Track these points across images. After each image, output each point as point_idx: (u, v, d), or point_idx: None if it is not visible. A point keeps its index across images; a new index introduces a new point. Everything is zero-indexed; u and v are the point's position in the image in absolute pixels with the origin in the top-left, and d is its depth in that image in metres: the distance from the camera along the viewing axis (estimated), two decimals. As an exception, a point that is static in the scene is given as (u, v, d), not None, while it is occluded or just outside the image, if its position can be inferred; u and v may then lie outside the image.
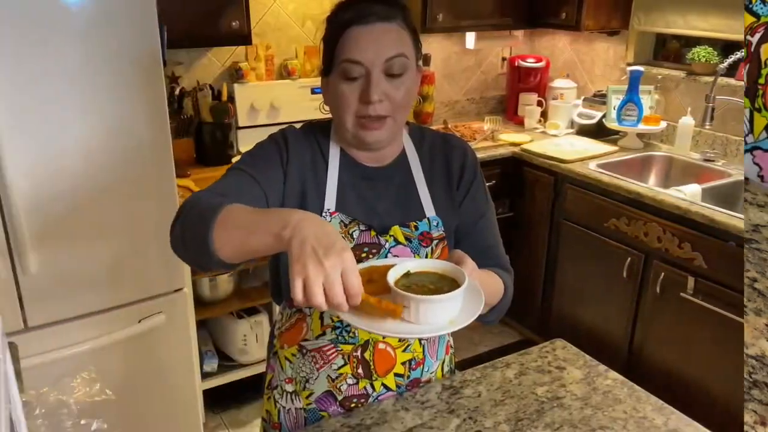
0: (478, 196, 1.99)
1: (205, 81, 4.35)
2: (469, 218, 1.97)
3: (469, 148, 2.02)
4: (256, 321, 4.10)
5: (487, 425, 1.81)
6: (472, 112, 5.67)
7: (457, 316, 1.44)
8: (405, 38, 1.78)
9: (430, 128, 2.07)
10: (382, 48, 1.72)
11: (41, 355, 2.97)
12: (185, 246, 1.56)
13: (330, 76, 1.81)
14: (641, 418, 1.84)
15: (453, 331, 1.43)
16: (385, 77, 1.73)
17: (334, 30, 1.79)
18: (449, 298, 1.41)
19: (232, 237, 1.44)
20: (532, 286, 4.74)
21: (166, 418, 3.49)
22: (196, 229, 1.49)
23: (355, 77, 1.73)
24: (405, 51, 1.76)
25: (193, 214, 1.55)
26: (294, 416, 1.97)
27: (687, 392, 3.67)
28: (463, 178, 1.97)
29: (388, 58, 1.72)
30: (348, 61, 1.73)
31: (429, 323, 1.41)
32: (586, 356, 2.15)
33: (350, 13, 1.75)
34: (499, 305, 1.91)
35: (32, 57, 2.70)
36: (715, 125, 4.20)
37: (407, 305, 1.40)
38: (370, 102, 1.72)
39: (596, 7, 4.62)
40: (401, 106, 1.78)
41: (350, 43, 1.73)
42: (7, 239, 2.82)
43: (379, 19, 1.73)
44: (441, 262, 1.56)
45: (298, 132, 1.91)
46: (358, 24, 1.73)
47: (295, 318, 1.92)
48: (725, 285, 3.39)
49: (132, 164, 3.01)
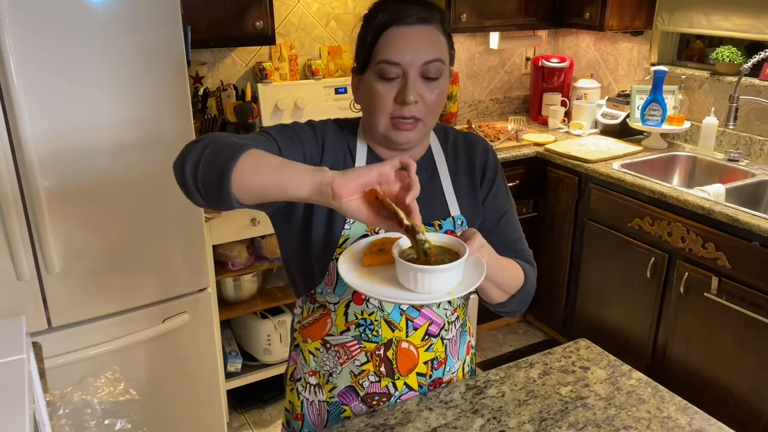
0: (500, 193, 2.00)
1: (229, 81, 4.37)
2: (493, 215, 1.98)
3: (489, 146, 2.03)
4: (280, 321, 4.11)
5: (510, 425, 1.81)
6: (495, 112, 5.67)
7: (455, 287, 1.50)
8: (442, 42, 1.78)
9: (452, 127, 2.07)
10: (420, 50, 1.72)
11: (65, 355, 3.00)
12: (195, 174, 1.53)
13: (364, 75, 1.81)
14: (665, 418, 1.84)
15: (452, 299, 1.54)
16: (421, 80, 1.74)
17: (372, 29, 1.78)
18: (448, 269, 1.46)
19: (259, 180, 1.45)
20: (555, 286, 4.73)
21: (190, 418, 3.51)
22: (216, 160, 1.48)
23: (392, 78, 1.73)
24: (441, 55, 1.76)
25: (214, 148, 1.52)
26: (317, 408, 1.98)
27: (711, 392, 3.66)
28: (486, 177, 1.98)
29: (426, 61, 1.72)
30: (386, 62, 1.72)
31: (427, 292, 1.47)
32: (609, 356, 2.14)
33: (390, 13, 1.74)
34: (519, 293, 1.91)
35: (58, 58, 2.72)
36: (738, 125, 4.19)
37: (408, 274, 1.47)
38: (406, 103, 1.72)
39: (620, 7, 4.60)
40: (434, 110, 1.79)
41: (389, 44, 1.73)
42: (31, 239, 2.84)
43: (419, 20, 1.73)
44: (447, 236, 1.62)
45: (336, 126, 1.92)
46: (397, 25, 1.73)
47: (319, 313, 1.92)
48: (749, 285, 3.37)
49: (156, 164, 3.03)
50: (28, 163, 2.70)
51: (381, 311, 1.84)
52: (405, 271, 1.48)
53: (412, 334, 1.87)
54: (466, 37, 5.26)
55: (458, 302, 1.96)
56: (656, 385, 1.99)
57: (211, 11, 3.69)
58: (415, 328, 1.87)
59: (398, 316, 1.85)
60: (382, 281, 1.53)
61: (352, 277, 1.52)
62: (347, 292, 1.85)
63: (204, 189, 1.52)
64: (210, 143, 1.53)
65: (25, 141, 2.67)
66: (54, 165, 2.80)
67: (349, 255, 1.61)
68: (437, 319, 1.90)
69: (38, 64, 2.68)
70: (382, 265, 1.56)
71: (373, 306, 1.83)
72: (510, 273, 1.86)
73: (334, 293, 1.86)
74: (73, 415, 1.73)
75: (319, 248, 1.84)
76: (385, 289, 1.50)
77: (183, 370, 3.39)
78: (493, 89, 5.60)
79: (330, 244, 1.83)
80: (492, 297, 1.88)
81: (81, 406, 1.77)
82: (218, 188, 1.46)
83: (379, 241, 1.60)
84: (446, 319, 1.92)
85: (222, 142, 1.53)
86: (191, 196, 1.58)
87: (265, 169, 1.45)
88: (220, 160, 1.47)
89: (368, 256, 1.58)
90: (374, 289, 1.50)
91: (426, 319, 1.88)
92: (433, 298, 1.48)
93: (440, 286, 1.48)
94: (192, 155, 1.53)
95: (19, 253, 2.80)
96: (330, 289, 1.86)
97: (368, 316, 1.84)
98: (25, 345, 1.40)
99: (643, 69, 4.97)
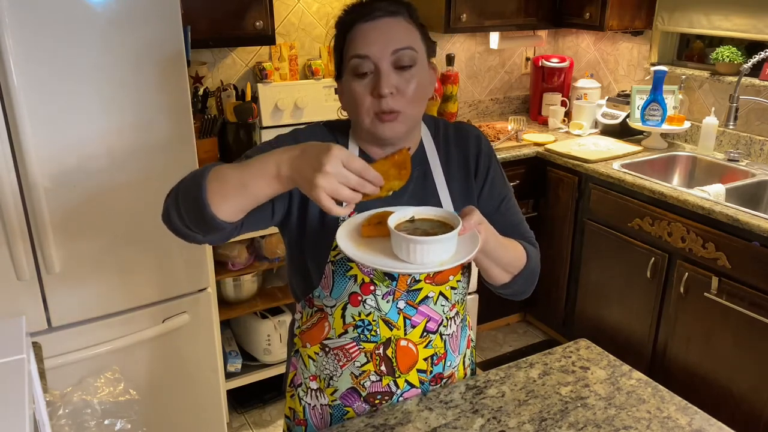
0: (497, 179, 2.00)
1: (229, 81, 4.37)
2: (492, 202, 1.98)
3: (481, 133, 2.03)
4: (280, 321, 4.11)
5: (510, 425, 1.81)
6: (495, 112, 5.67)
7: (447, 258, 1.55)
8: (412, 32, 1.79)
9: (443, 119, 2.07)
10: (389, 40, 1.73)
11: (65, 355, 3.00)
12: (179, 213, 1.62)
13: (342, 78, 1.82)
14: (665, 418, 1.84)
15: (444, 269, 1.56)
16: (394, 70, 1.74)
17: (340, 31, 1.81)
18: (439, 240, 1.52)
19: (227, 190, 1.52)
20: (555, 286, 4.73)
21: (190, 418, 3.51)
22: (188, 191, 1.56)
23: (365, 73, 1.74)
24: (412, 44, 1.77)
25: (185, 181, 1.62)
26: (320, 412, 1.98)
27: (711, 392, 3.66)
28: (480, 166, 1.98)
29: (396, 49, 1.73)
30: (356, 56, 1.74)
31: (420, 263, 1.53)
32: (609, 356, 2.14)
33: (355, 12, 1.77)
34: (523, 273, 1.92)
35: (58, 58, 2.72)
36: (738, 125, 4.19)
37: (402, 245, 1.53)
38: (381, 95, 1.72)
39: (620, 7, 4.60)
40: (414, 100, 1.78)
41: (357, 40, 1.75)
42: (31, 239, 2.84)
43: (384, 14, 1.75)
44: (442, 210, 1.69)
45: (321, 131, 1.92)
46: (363, 21, 1.75)
47: (317, 317, 1.93)
48: (749, 285, 3.37)
49: (156, 164, 3.03)
50: (28, 163, 2.70)
51: (378, 311, 1.84)
52: (399, 242, 1.54)
53: (410, 332, 1.87)
54: (466, 37, 5.26)
55: (456, 298, 1.97)
56: (656, 385, 1.99)
57: (211, 11, 3.69)
58: (413, 326, 1.87)
59: (396, 315, 1.85)
60: (377, 252, 1.58)
61: (349, 247, 1.58)
62: (343, 295, 1.85)
63: (197, 228, 1.62)
64: (178, 187, 1.64)
65: (25, 141, 2.67)
66: (54, 165, 2.80)
67: (348, 226, 1.66)
68: (435, 315, 1.90)
69: (38, 64, 2.68)
70: (379, 236, 1.61)
71: (370, 306, 1.84)
72: (512, 251, 1.87)
73: (331, 296, 1.87)
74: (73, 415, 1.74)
75: (314, 252, 1.86)
76: (380, 258, 1.56)
77: (183, 370, 3.39)
78: (493, 89, 5.60)
79: (324, 247, 1.84)
80: (495, 278, 1.90)
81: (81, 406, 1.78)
82: (206, 223, 1.56)
83: (377, 215, 1.64)
84: (444, 315, 1.92)
85: (187, 181, 1.62)
86: (191, 239, 1.69)
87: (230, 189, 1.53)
88: (191, 198, 1.56)
89: (366, 227, 1.62)
90: (369, 257, 1.56)
91: (423, 316, 1.88)
92: (425, 269, 1.54)
93: (432, 257, 1.53)
94: (170, 206, 1.65)
95: (19, 253, 2.80)
96: (327, 292, 1.87)
97: (366, 316, 1.85)
98: (25, 345, 1.40)
99: (643, 69, 4.98)
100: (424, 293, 1.87)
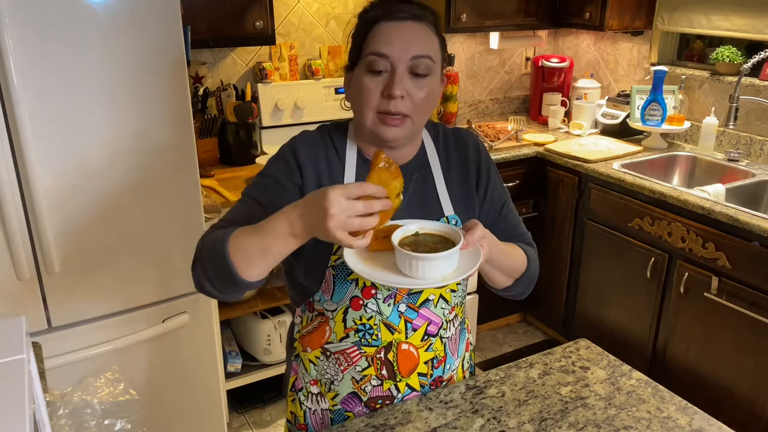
0: (497, 185, 2.03)
1: (229, 81, 4.37)
2: (494, 207, 2.01)
3: (478, 140, 2.05)
4: (280, 321, 4.11)
5: (510, 425, 1.81)
6: (495, 112, 5.67)
7: (449, 273, 1.61)
8: (433, 41, 1.79)
9: (441, 123, 2.08)
10: (410, 45, 1.73)
11: (65, 355, 3.00)
12: (212, 282, 1.68)
13: (354, 71, 1.82)
14: (665, 418, 1.84)
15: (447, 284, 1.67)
16: (409, 75, 1.74)
17: (363, 24, 1.80)
18: (441, 257, 1.57)
19: (251, 256, 1.57)
20: (555, 286, 4.73)
21: (190, 418, 3.51)
22: (215, 264, 1.62)
23: (380, 71, 1.74)
24: (432, 53, 1.77)
25: (207, 252, 1.67)
26: (320, 417, 1.98)
27: (711, 392, 3.66)
28: (481, 176, 1.99)
29: (415, 56, 1.73)
30: (375, 53, 1.73)
31: (422, 278, 1.59)
32: (609, 356, 2.14)
33: (382, 9, 1.77)
34: (524, 276, 1.95)
35: (58, 58, 2.72)
36: (738, 125, 4.20)
37: (405, 261, 1.59)
38: (392, 96, 1.72)
39: (620, 7, 4.60)
40: (422, 108, 1.79)
41: (379, 37, 1.74)
42: (31, 239, 2.84)
43: (410, 17, 1.75)
44: (445, 225, 1.72)
45: (311, 136, 1.92)
46: (388, 19, 1.75)
47: (317, 321, 1.93)
48: (749, 285, 3.37)
49: (156, 164, 3.02)
50: (28, 163, 2.69)
51: (379, 315, 1.84)
52: (402, 258, 1.60)
53: (411, 335, 1.87)
54: (466, 37, 5.26)
55: (456, 301, 1.97)
56: (656, 385, 1.99)
57: (211, 11, 3.69)
58: (414, 329, 1.87)
59: (397, 318, 1.85)
60: (382, 267, 1.64)
61: (356, 262, 1.63)
62: (345, 299, 1.85)
63: (231, 294, 1.70)
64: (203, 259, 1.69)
65: (25, 141, 2.66)
66: (54, 165, 2.80)
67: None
68: (435, 318, 1.90)
69: (38, 64, 2.68)
70: (385, 250, 1.65)
71: (371, 310, 1.84)
72: (514, 258, 1.90)
73: (332, 300, 1.87)
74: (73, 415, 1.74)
75: (315, 256, 1.85)
76: (384, 274, 1.62)
77: (183, 370, 3.39)
78: (493, 89, 5.60)
79: (325, 251, 1.84)
80: (497, 282, 1.94)
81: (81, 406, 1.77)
82: (239, 288, 1.64)
83: (384, 228, 1.65)
84: (444, 318, 1.92)
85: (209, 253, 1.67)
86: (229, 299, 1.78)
87: (253, 256, 1.59)
88: (220, 270, 1.62)
89: (373, 241, 1.61)
90: (374, 273, 1.61)
91: (424, 319, 1.88)
92: (427, 284, 1.60)
93: (435, 273, 1.59)
94: (202, 279, 1.72)
95: (19, 253, 2.80)
96: (327, 296, 1.87)
97: (367, 320, 1.84)
98: (25, 345, 1.40)
99: (643, 69, 4.98)
100: (425, 296, 1.87)
